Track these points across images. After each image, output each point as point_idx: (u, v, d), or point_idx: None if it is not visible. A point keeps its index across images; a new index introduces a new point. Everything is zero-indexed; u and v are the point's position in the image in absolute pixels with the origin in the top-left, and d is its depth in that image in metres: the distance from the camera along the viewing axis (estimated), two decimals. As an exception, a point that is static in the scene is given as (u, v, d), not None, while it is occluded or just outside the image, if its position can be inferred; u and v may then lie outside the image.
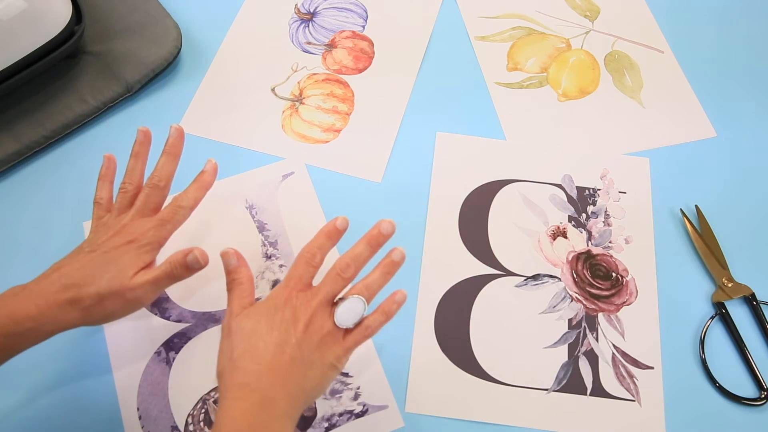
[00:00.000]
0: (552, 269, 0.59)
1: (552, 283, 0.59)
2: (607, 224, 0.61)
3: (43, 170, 0.65)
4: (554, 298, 0.58)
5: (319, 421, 0.53)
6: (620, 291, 0.58)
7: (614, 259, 0.60)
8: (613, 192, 0.63)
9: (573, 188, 0.63)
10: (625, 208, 0.62)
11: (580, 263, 0.60)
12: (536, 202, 0.63)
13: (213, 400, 0.54)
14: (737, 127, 0.69)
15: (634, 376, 0.55)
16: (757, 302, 0.58)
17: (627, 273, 0.59)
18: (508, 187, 0.63)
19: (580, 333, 0.56)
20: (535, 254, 0.60)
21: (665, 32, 0.75)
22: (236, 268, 0.48)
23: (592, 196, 0.63)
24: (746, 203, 0.64)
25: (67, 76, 0.68)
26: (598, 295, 0.58)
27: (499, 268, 0.59)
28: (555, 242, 0.60)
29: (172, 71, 0.72)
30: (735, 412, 0.54)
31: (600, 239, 0.61)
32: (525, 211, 0.62)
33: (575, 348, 0.56)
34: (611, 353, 0.55)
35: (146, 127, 0.55)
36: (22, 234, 0.62)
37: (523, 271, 0.59)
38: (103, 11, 0.72)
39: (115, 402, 0.54)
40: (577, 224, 0.61)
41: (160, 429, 0.53)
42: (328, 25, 0.76)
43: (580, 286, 0.58)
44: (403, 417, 0.53)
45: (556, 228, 0.61)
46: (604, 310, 0.57)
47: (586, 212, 0.62)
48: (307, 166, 0.66)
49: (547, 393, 0.54)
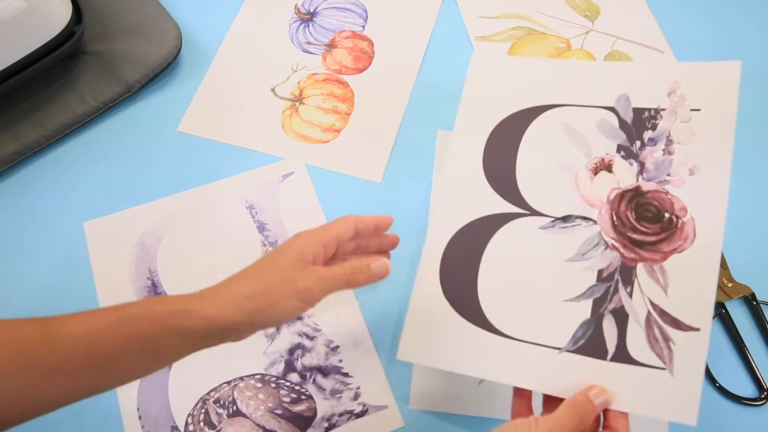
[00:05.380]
0: (588, 210, 0.50)
1: (585, 226, 0.49)
2: (668, 152, 0.50)
3: (43, 170, 0.65)
4: (585, 244, 0.49)
5: (319, 421, 0.53)
6: (672, 235, 0.48)
7: (670, 196, 0.49)
8: (683, 111, 0.51)
9: (629, 110, 0.52)
10: (697, 129, 0.50)
11: (624, 203, 0.49)
12: (580, 130, 0.52)
13: (213, 400, 0.54)
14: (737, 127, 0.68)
15: (670, 340, 0.45)
16: (757, 302, 0.58)
17: (685, 212, 0.48)
18: (548, 113, 0.53)
19: (610, 287, 0.47)
20: (570, 192, 0.50)
21: (665, 32, 0.75)
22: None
23: (653, 118, 0.51)
24: (746, 204, 0.64)
25: (67, 76, 0.68)
26: (642, 242, 0.48)
27: (524, 207, 0.51)
28: (596, 177, 0.51)
29: (172, 71, 0.72)
30: (735, 412, 0.54)
31: (655, 172, 0.50)
32: (564, 141, 0.52)
33: (601, 304, 0.47)
34: (646, 312, 0.46)
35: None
36: (23, 234, 0.62)
37: (553, 210, 0.50)
38: (103, 11, 0.72)
39: (115, 402, 0.54)
40: (627, 155, 0.51)
41: (160, 429, 0.53)
42: (328, 25, 0.76)
43: (620, 230, 0.49)
44: (404, 417, 0.53)
45: (599, 161, 0.51)
46: (646, 260, 0.47)
47: (642, 139, 0.51)
48: (307, 166, 0.66)
49: (559, 353, 0.46)
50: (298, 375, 0.55)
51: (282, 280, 0.41)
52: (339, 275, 0.43)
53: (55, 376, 0.37)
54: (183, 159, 0.66)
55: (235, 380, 0.55)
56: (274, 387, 0.55)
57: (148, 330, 0.39)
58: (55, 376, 0.37)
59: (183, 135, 0.68)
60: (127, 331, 0.38)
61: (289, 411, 0.54)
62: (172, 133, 0.68)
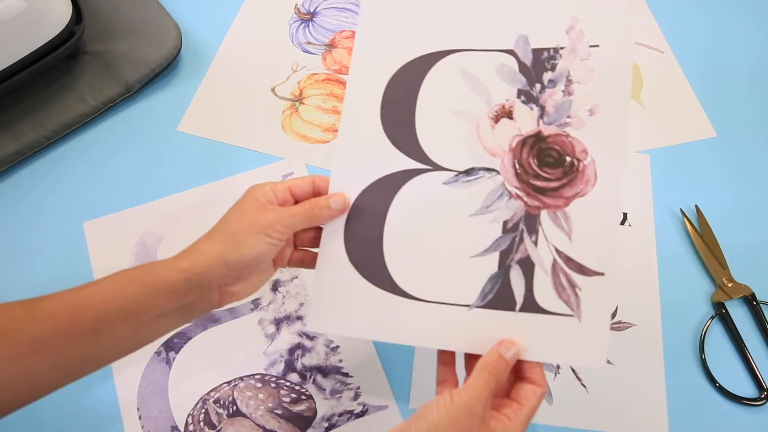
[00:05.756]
0: (490, 161, 0.48)
1: (488, 177, 0.48)
2: (567, 93, 0.48)
3: (43, 170, 0.65)
4: (489, 196, 0.47)
5: (319, 421, 0.53)
6: (574, 180, 0.47)
7: (571, 139, 0.47)
8: (581, 48, 0.49)
9: (528, 52, 0.50)
10: (596, 67, 0.48)
11: (525, 150, 0.48)
12: (479, 77, 0.50)
13: (213, 400, 0.54)
14: (737, 127, 0.69)
15: (576, 286, 0.45)
16: (757, 302, 0.58)
17: (586, 155, 0.47)
18: (445, 60, 0.51)
19: (515, 237, 0.46)
20: (472, 143, 0.49)
21: (665, 32, 0.75)
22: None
23: (552, 58, 0.49)
24: (746, 203, 0.64)
25: (67, 76, 0.68)
26: (544, 188, 0.47)
27: (426, 162, 0.49)
28: (497, 126, 0.49)
29: (172, 71, 0.72)
30: (735, 412, 0.54)
31: (556, 115, 0.48)
32: (464, 90, 0.50)
33: (508, 256, 0.46)
34: (552, 260, 0.45)
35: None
36: (22, 234, 0.62)
37: (455, 164, 0.49)
38: (103, 11, 0.72)
39: (115, 402, 0.54)
40: (527, 99, 0.49)
41: (160, 429, 0.53)
42: (328, 25, 0.76)
43: (523, 178, 0.47)
44: (405, 417, 0.53)
45: (500, 108, 0.49)
46: (550, 207, 0.46)
47: (542, 81, 0.49)
48: (307, 166, 0.66)
49: (468, 310, 0.45)
50: (298, 375, 0.55)
51: (246, 223, 0.43)
52: (300, 211, 0.45)
53: (41, 349, 0.37)
54: (183, 159, 0.66)
55: (235, 380, 0.55)
56: (274, 387, 0.55)
57: (128, 292, 0.40)
58: (42, 349, 0.37)
59: (183, 135, 0.68)
60: (107, 295, 0.39)
61: (289, 411, 0.54)
62: (172, 133, 0.68)
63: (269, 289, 0.59)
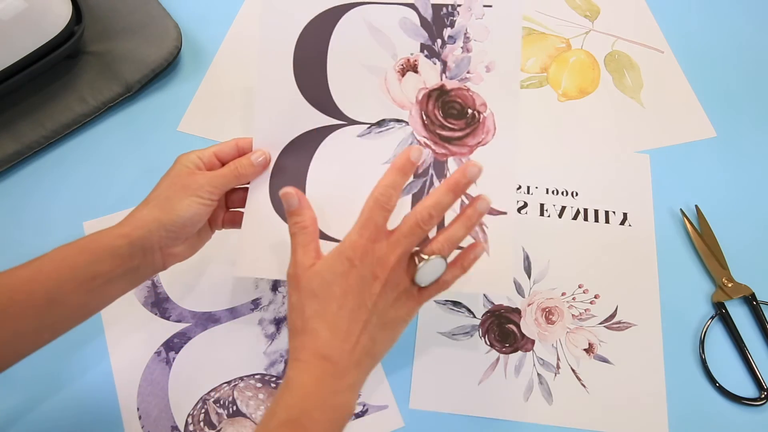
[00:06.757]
0: (399, 112, 0.51)
1: (398, 128, 0.51)
2: (466, 50, 0.52)
3: (43, 170, 0.65)
4: (400, 145, 0.51)
5: (319, 421, 0.53)
6: (476, 130, 0.51)
7: (471, 93, 0.51)
8: (476, 7, 0.52)
9: (428, 7, 0.52)
10: (490, 26, 0.51)
11: (431, 102, 0.51)
12: (384, 30, 0.52)
13: (213, 400, 0.54)
14: (737, 127, 0.69)
15: (484, 224, 0.50)
16: (757, 302, 0.58)
17: (485, 108, 0.51)
18: (350, 14, 0.52)
19: (426, 181, 0.50)
20: (381, 96, 0.52)
21: (665, 32, 0.75)
22: (298, 209, 0.45)
23: (451, 15, 0.52)
24: (746, 203, 0.64)
25: (67, 76, 0.68)
26: (450, 138, 0.51)
27: (341, 117, 0.52)
28: (404, 79, 0.52)
29: (172, 71, 0.72)
30: (735, 412, 0.54)
31: (456, 70, 0.51)
32: (370, 44, 0.52)
33: (419, 198, 0.49)
34: (460, 201, 0.49)
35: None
36: (22, 234, 0.62)
37: (368, 117, 0.52)
38: (103, 11, 0.72)
39: (115, 402, 0.54)
40: (430, 53, 0.52)
41: (160, 429, 0.53)
42: (328, 25, 0.76)
43: (430, 128, 0.51)
44: (404, 417, 0.53)
45: (405, 61, 0.52)
46: (456, 154, 0.51)
47: (442, 37, 0.52)
48: (307, 166, 0.66)
49: None
50: (298, 375, 0.55)
51: (178, 188, 0.47)
52: (226, 172, 0.49)
53: (1, 320, 0.41)
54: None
55: (235, 380, 0.55)
56: (274, 387, 0.55)
57: (77, 260, 0.43)
58: (1, 320, 0.41)
59: (183, 135, 0.68)
60: (58, 265, 0.43)
61: (289, 411, 0.54)
62: (172, 133, 0.68)
63: (269, 289, 0.59)
